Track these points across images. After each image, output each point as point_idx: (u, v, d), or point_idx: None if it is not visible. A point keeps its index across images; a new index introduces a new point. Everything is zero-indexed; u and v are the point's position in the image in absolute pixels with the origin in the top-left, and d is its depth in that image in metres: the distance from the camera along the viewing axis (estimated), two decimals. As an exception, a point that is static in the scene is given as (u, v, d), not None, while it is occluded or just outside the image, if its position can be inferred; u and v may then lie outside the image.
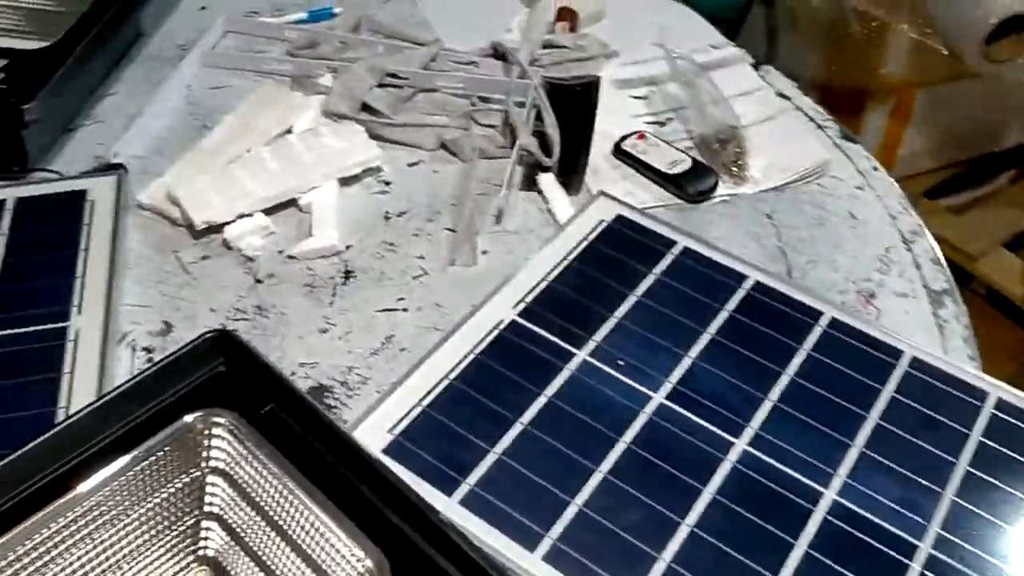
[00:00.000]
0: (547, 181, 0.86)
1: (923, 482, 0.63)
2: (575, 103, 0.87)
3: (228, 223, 0.80)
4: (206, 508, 0.59)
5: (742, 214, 0.85)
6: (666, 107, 0.96)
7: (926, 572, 0.58)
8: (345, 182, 0.86)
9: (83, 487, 0.55)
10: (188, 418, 0.58)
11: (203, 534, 0.58)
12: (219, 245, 0.81)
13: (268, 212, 0.82)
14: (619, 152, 0.90)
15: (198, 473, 0.58)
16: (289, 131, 0.89)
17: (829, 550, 0.59)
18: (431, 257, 0.81)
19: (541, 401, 0.67)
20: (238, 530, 0.58)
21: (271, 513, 0.56)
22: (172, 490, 0.58)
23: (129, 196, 0.83)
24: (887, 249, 0.83)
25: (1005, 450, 0.65)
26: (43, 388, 0.66)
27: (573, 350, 0.71)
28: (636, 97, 0.98)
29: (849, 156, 0.93)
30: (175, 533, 0.58)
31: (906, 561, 0.59)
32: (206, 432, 0.58)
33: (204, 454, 0.58)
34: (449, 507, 0.61)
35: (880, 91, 1.84)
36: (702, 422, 0.66)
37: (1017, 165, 2.00)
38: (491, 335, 0.72)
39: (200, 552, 0.58)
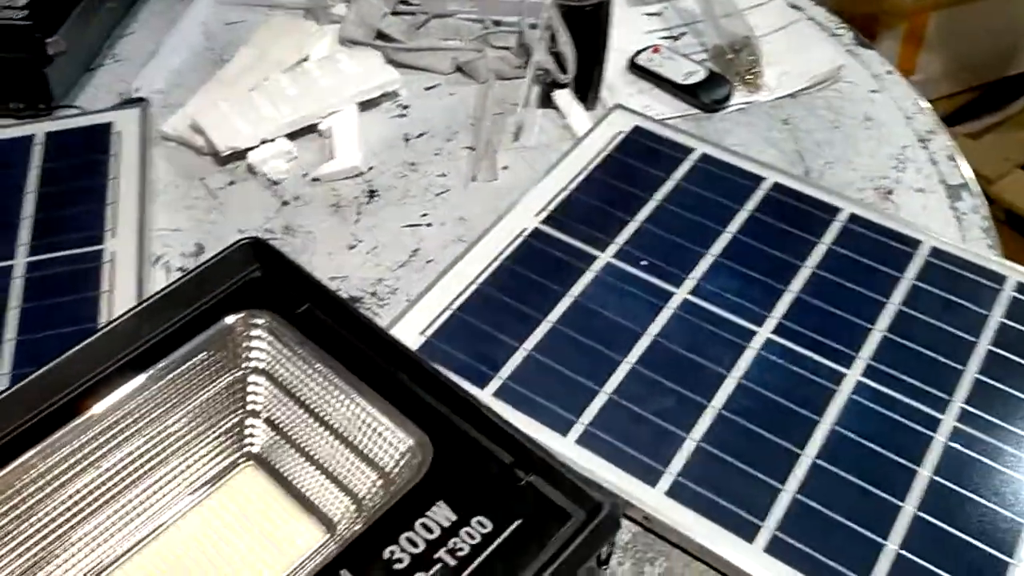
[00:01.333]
0: (563, 97, 0.87)
1: (946, 361, 0.65)
2: (588, 22, 0.88)
3: (252, 148, 0.82)
4: (249, 407, 0.61)
5: (758, 121, 0.86)
6: (680, 21, 0.97)
7: (950, 443, 0.60)
8: (364, 107, 0.87)
9: (128, 387, 0.57)
10: (229, 319, 0.60)
11: (247, 432, 0.61)
12: (244, 171, 0.82)
13: (290, 137, 0.84)
14: (634, 67, 0.91)
15: (240, 373, 0.60)
16: (306, 59, 0.90)
17: (854, 426, 0.61)
18: (452, 174, 0.82)
19: (567, 301, 0.69)
20: (282, 426, 0.60)
21: (313, 407, 0.58)
22: (215, 390, 0.60)
23: (153, 128, 0.85)
24: (903, 148, 0.83)
25: (1025, 329, 0.66)
26: (84, 305, 0.69)
27: (596, 253, 0.72)
28: (650, 13, 0.98)
29: (863, 62, 0.93)
30: (220, 432, 0.60)
31: (930, 433, 0.61)
32: (246, 332, 0.60)
33: (244, 354, 0.60)
34: (483, 399, 0.63)
35: (892, 15, 1.83)
36: (725, 314, 0.68)
37: (1035, 88, 1.98)
38: (515, 242, 0.73)
39: (245, 449, 0.60)
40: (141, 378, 0.58)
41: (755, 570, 0.54)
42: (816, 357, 0.65)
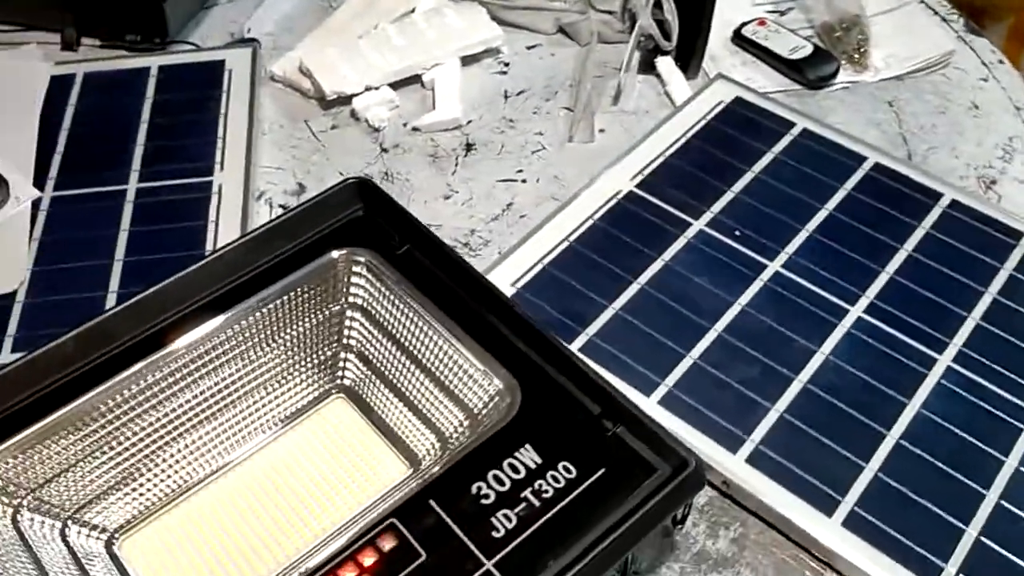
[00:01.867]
0: (665, 64, 0.87)
1: (1040, 355, 0.64)
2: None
3: (356, 95, 0.83)
4: (345, 341, 0.63)
5: (862, 101, 0.85)
6: (787, -4, 0.96)
7: (1040, 436, 0.59)
8: (466, 61, 0.88)
9: (231, 313, 0.60)
10: (333, 254, 0.62)
11: (341, 365, 0.63)
12: (347, 116, 0.84)
13: (393, 87, 0.85)
14: (738, 38, 0.90)
15: (338, 307, 0.63)
16: (412, 11, 0.91)
17: (942, 411, 0.60)
18: (549, 134, 0.83)
19: (658, 265, 0.69)
20: (374, 361, 0.62)
21: (407, 345, 0.60)
22: (314, 322, 0.62)
23: (262, 68, 0.87)
24: (1010, 138, 0.81)
25: None
26: (191, 234, 0.71)
27: (690, 220, 0.72)
28: (756, -14, 0.97)
29: (973, 48, 0.91)
30: (315, 363, 0.62)
31: (1021, 425, 0.60)
32: (347, 268, 0.62)
33: (344, 289, 0.62)
34: (570, 353, 0.64)
35: (1001, 8, 1.76)
36: (817, 289, 0.67)
37: None
38: (609, 203, 0.74)
39: (338, 381, 0.63)
40: (244, 305, 0.60)
41: (832, 543, 0.55)
42: (907, 340, 0.64)
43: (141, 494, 0.57)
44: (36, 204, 0.74)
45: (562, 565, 0.46)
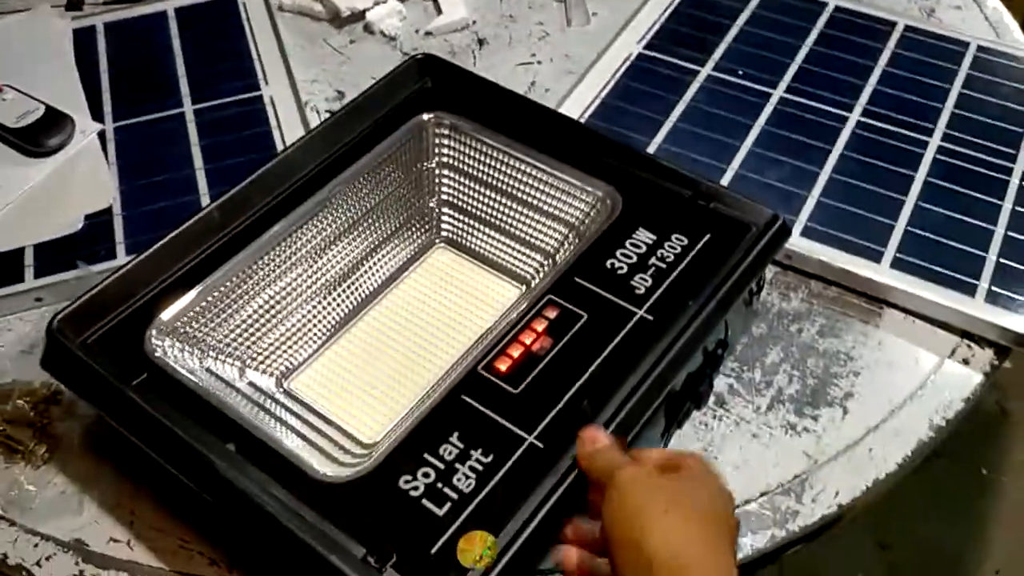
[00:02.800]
0: (634, -48, 0.97)
1: (1005, 126, 0.77)
2: None
3: (367, 9, 0.90)
4: (440, 196, 0.70)
5: (808, -37, 0.97)
6: None
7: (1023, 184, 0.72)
8: (456, -28, 0.96)
9: (335, 183, 0.66)
10: (422, 117, 0.69)
11: (437, 218, 0.70)
12: (361, 31, 0.91)
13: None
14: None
15: (428, 167, 0.70)
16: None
17: (941, 177, 0.73)
18: (549, 22, 0.92)
19: (682, 106, 0.80)
20: (471, 209, 0.69)
21: (500, 186, 0.68)
22: (410, 181, 0.70)
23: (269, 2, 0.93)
24: (938, -24, 0.95)
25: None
26: (260, 138, 0.77)
27: (697, 68, 0.83)
28: None
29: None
30: (415, 219, 0.70)
31: (1005, 178, 0.73)
32: (432, 130, 0.69)
33: (433, 150, 0.70)
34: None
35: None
36: (819, 104, 0.79)
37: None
38: (625, 65, 0.84)
39: (437, 233, 0.70)
40: (348, 173, 0.67)
41: (885, 279, 0.66)
42: (900, 130, 0.76)
43: (294, 343, 0.63)
44: (101, 136, 0.78)
45: (699, 304, 0.56)
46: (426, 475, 0.49)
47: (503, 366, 0.54)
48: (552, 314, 0.56)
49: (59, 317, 0.56)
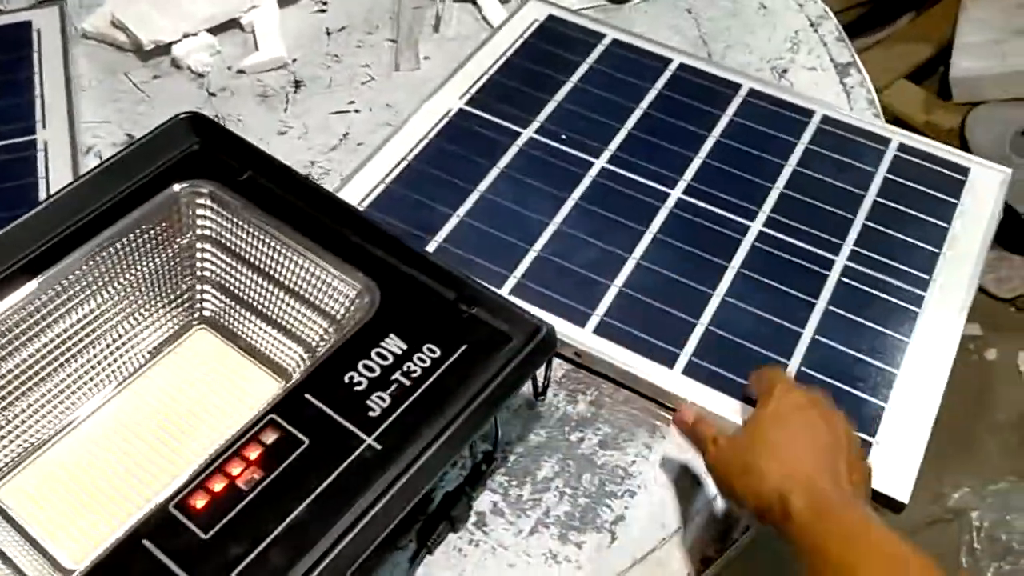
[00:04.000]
0: (479, -10, 0.91)
1: (837, 212, 0.72)
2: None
3: (175, 42, 0.83)
4: (199, 273, 0.64)
5: (663, 11, 0.91)
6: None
7: (843, 279, 0.67)
8: (283, 2, 0.89)
9: (76, 255, 0.59)
10: (174, 187, 0.62)
11: (199, 297, 0.64)
12: (168, 65, 0.84)
13: (212, 32, 0.85)
14: (544, -38, 0.94)
15: (186, 241, 0.63)
16: (222, -43, 0.91)
17: (757, 268, 0.68)
18: (375, 65, 0.85)
19: (495, 172, 0.74)
20: (232, 289, 0.63)
21: (262, 267, 0.62)
22: (164, 258, 0.63)
23: (71, 26, 0.85)
24: (796, 32, 0.90)
25: (908, 183, 0.74)
26: (23, 191, 0.70)
27: (519, 129, 0.77)
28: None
29: (757, -43, 0.99)
30: (171, 298, 0.63)
31: (824, 272, 0.68)
32: (191, 201, 0.62)
33: (191, 222, 0.63)
34: (421, 260, 0.67)
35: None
36: (640, 179, 0.73)
37: (917, 6, 2.08)
38: (442, 122, 0.77)
39: (197, 313, 0.63)
40: (89, 246, 0.60)
41: (677, 389, 0.61)
42: (723, 212, 0.71)
43: (12, 439, 0.57)
44: None
45: (436, 431, 0.50)
46: (79, 642, 0.43)
47: (199, 502, 0.47)
48: (270, 438, 0.50)
49: None
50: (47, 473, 0.57)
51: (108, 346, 0.61)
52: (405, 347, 0.54)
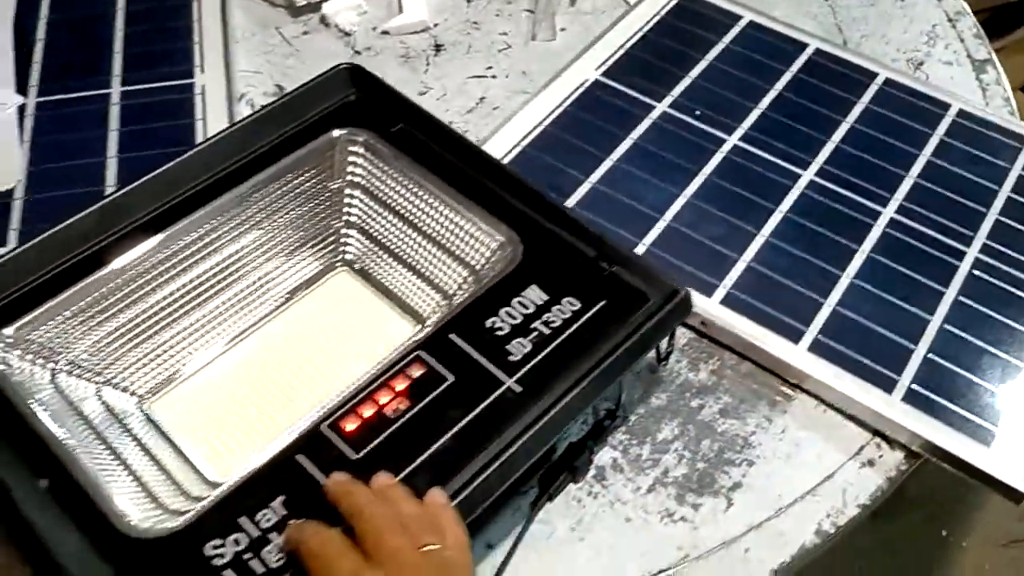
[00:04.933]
0: (617, -33, 0.92)
1: (969, 205, 0.71)
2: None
3: (325, 1, 0.86)
4: (345, 218, 0.67)
5: (800, -4, 0.91)
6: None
7: (973, 271, 0.67)
8: (427, -31, 0.92)
9: (234, 194, 0.63)
10: (333, 133, 0.65)
11: (343, 240, 0.67)
12: (317, 22, 0.87)
13: (360, -8, 0.88)
14: (682, -58, 0.95)
15: (337, 186, 0.66)
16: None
17: (886, 253, 0.68)
18: (513, 33, 0.87)
19: (627, 143, 0.75)
20: (376, 235, 0.66)
21: (407, 215, 0.64)
22: (315, 201, 0.66)
23: (229, -21, 0.89)
24: (933, 26, 0.89)
25: (1043, 181, 0.73)
26: (180, 131, 0.74)
27: (653, 103, 0.78)
28: None
29: (898, -52, 0.98)
30: (318, 239, 0.66)
31: (956, 263, 0.68)
32: (345, 148, 0.66)
33: (343, 168, 0.66)
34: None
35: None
36: (773, 158, 0.74)
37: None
38: (578, 91, 0.79)
39: (341, 256, 0.66)
40: (247, 185, 0.63)
41: (801, 364, 0.62)
42: (854, 196, 0.71)
43: (165, 360, 0.61)
44: (22, 110, 0.76)
45: (573, 380, 0.52)
46: (236, 542, 0.46)
47: (350, 426, 0.50)
48: (417, 372, 0.53)
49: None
50: (195, 395, 0.60)
51: (256, 281, 0.65)
52: (546, 298, 0.56)
